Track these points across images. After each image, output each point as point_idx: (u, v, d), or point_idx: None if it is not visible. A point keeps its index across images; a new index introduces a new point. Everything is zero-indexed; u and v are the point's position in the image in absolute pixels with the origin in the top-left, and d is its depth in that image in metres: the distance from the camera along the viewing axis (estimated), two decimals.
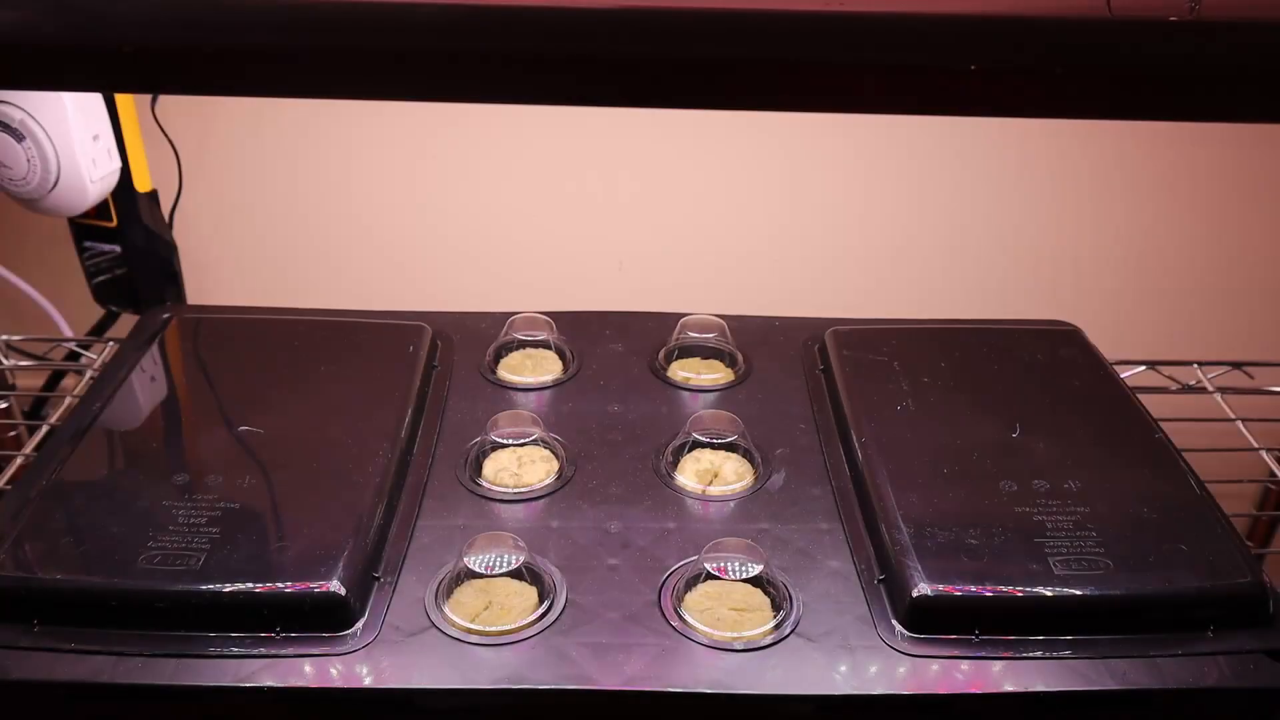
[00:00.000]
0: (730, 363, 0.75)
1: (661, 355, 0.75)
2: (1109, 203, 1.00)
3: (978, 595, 0.53)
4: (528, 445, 0.65)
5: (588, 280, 1.05)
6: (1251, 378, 0.88)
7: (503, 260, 1.04)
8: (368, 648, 0.51)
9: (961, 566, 0.54)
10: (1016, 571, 0.54)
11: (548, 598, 0.54)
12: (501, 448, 0.64)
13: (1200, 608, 0.54)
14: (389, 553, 0.57)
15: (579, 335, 0.76)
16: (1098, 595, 0.53)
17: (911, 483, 0.60)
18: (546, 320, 0.76)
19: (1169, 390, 0.88)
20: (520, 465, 0.63)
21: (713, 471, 0.63)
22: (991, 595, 0.53)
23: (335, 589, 0.52)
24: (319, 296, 1.01)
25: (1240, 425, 0.81)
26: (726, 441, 0.65)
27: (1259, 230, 1.01)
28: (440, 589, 0.55)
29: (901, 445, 0.64)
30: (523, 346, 0.75)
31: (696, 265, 1.04)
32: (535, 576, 0.55)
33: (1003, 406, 0.68)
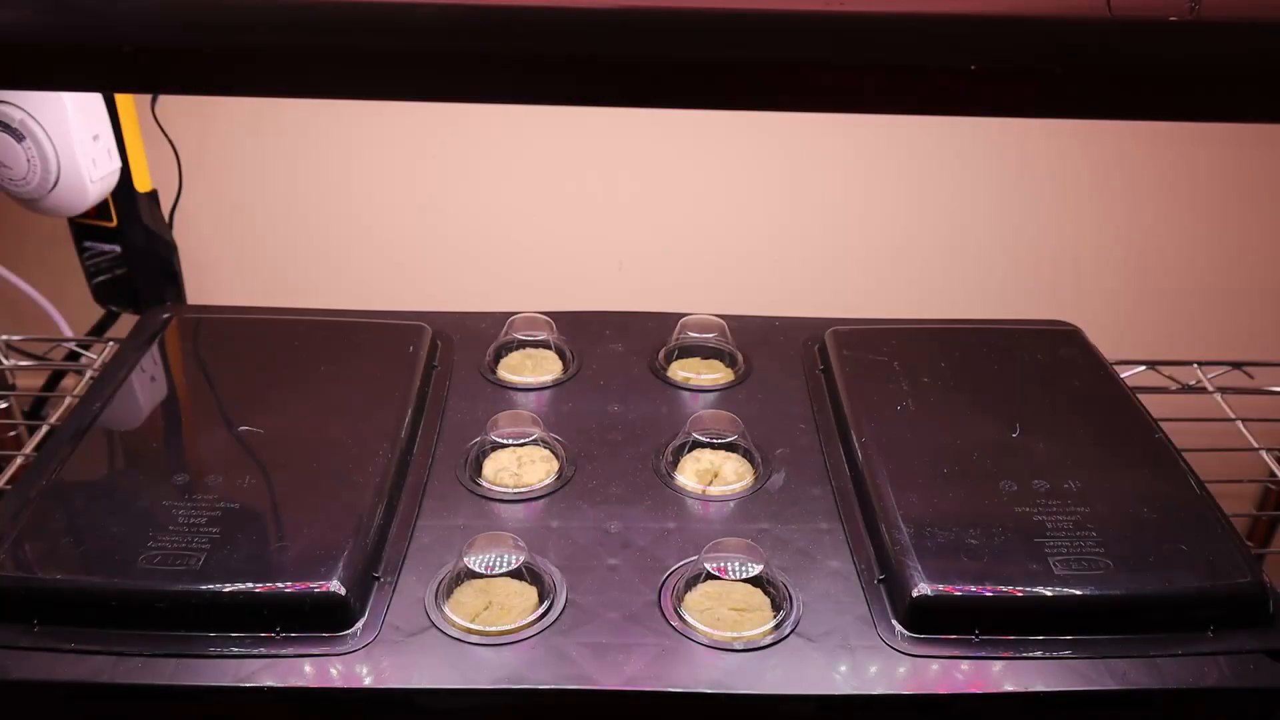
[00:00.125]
0: (730, 363, 0.75)
1: (661, 355, 0.75)
2: (1109, 203, 1.00)
3: (978, 595, 0.53)
4: (528, 445, 0.65)
5: (588, 280, 1.05)
6: (1251, 378, 0.88)
7: (503, 260, 1.04)
8: (368, 648, 0.51)
9: (961, 566, 0.54)
10: (1016, 571, 0.54)
11: (548, 598, 0.54)
12: (501, 448, 0.64)
13: (1200, 608, 0.54)
14: (389, 553, 0.57)
15: (579, 335, 0.76)
16: (1098, 595, 0.53)
17: (911, 483, 0.60)
18: (546, 320, 0.76)
19: (1169, 390, 0.88)
20: (520, 465, 0.63)
21: (713, 471, 0.63)
22: (991, 595, 0.53)
23: (335, 589, 0.52)
24: (319, 296, 1.01)
25: (1240, 425, 0.81)
26: (726, 441, 0.65)
27: (1259, 230, 1.01)
28: (440, 589, 0.55)
29: (901, 445, 0.64)
30: (523, 346, 0.75)
31: (696, 265, 1.04)
32: (535, 576, 0.55)
33: (1003, 406, 0.68)
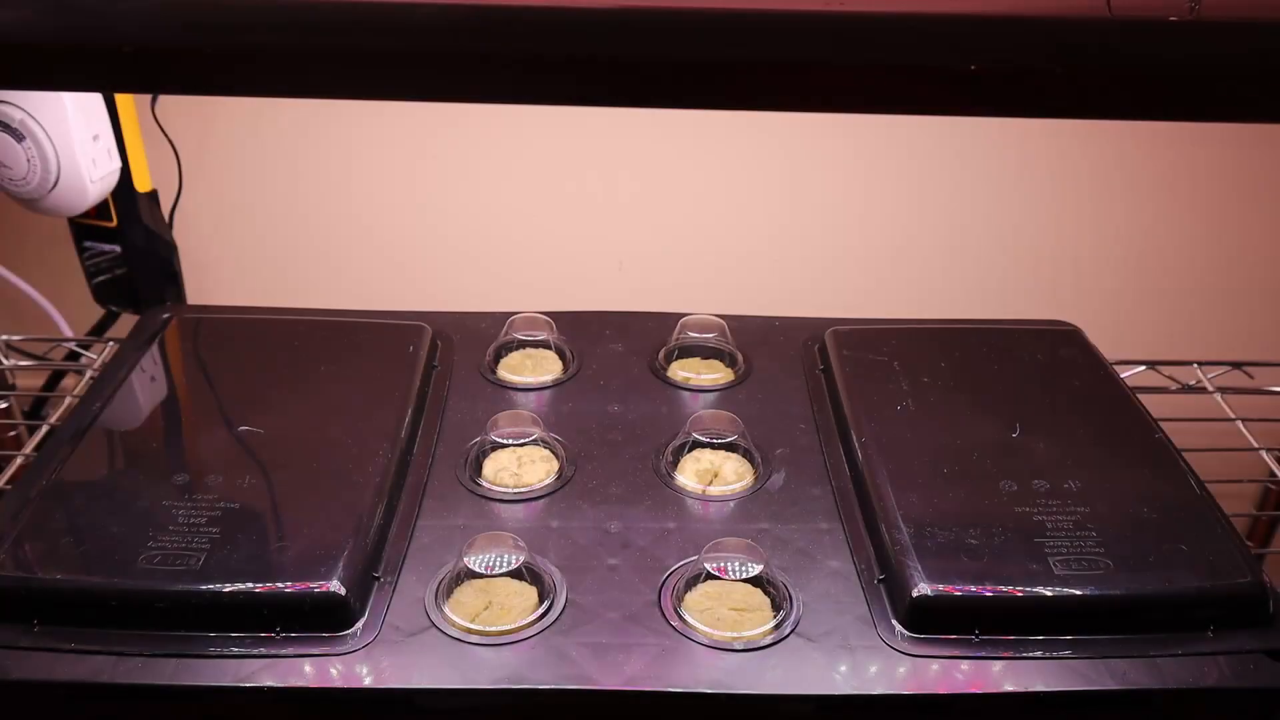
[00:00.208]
0: (730, 363, 0.75)
1: (661, 355, 0.75)
2: (1109, 203, 1.00)
3: (978, 595, 0.53)
4: (528, 445, 0.65)
5: (588, 280, 1.05)
6: (1251, 378, 0.88)
7: (503, 260, 1.04)
8: (368, 648, 0.51)
9: (961, 566, 0.54)
10: (1016, 571, 0.54)
11: (548, 598, 0.54)
12: (501, 448, 0.64)
13: (1200, 608, 0.54)
14: (389, 553, 0.57)
15: (579, 335, 0.76)
16: (1098, 595, 0.53)
17: (911, 483, 0.60)
18: (546, 320, 0.76)
19: (1169, 390, 0.88)
20: (520, 465, 0.63)
21: (713, 471, 0.63)
22: (991, 595, 0.53)
23: (335, 589, 0.52)
24: (319, 296, 1.01)
25: (1240, 425, 0.81)
26: (726, 441, 0.65)
27: (1259, 230, 1.01)
28: (440, 589, 0.55)
29: (901, 445, 0.64)
30: (523, 346, 0.75)
31: (696, 265, 1.04)
32: (535, 576, 0.55)
33: (1003, 406, 0.68)
